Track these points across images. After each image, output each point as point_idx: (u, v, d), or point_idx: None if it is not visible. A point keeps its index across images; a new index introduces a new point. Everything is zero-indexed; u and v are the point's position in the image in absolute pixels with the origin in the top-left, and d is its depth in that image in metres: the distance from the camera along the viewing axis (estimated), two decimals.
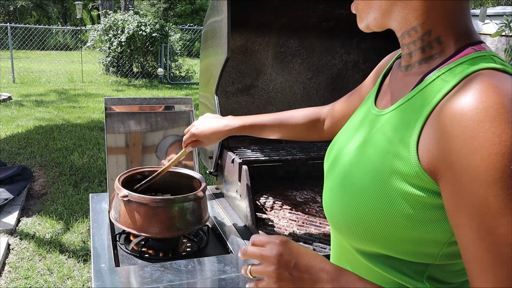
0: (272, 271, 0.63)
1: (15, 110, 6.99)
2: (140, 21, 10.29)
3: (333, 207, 0.73)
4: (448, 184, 0.56)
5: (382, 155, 0.65)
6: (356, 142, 0.74)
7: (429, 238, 0.63)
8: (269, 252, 0.64)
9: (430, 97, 0.61)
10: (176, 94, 9.63)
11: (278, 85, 2.00)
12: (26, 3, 21.38)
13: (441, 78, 0.61)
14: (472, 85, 0.55)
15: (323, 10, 1.84)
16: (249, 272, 0.67)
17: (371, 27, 0.72)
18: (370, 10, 0.70)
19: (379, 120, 0.71)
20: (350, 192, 0.69)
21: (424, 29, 0.65)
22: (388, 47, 1.65)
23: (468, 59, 0.61)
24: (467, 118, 0.53)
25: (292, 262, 0.63)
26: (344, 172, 0.73)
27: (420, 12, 0.64)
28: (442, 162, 0.56)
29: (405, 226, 0.63)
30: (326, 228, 1.39)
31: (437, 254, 0.64)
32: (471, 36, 0.65)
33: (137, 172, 1.33)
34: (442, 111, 0.57)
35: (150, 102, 1.54)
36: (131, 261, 1.19)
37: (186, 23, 15.54)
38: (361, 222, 0.67)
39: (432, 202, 0.60)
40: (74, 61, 13.27)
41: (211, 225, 1.42)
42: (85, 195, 3.82)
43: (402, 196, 0.62)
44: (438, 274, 0.67)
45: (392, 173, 0.63)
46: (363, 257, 0.71)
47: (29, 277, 2.63)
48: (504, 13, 5.62)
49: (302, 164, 1.93)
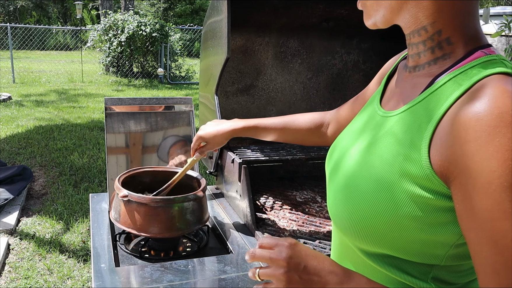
0: (281, 274, 0.63)
1: (15, 110, 6.99)
2: (140, 21, 10.29)
3: (337, 210, 0.73)
4: (460, 188, 0.56)
5: (391, 157, 0.65)
6: (361, 144, 0.74)
7: (436, 240, 0.63)
8: (278, 254, 0.64)
9: (442, 100, 0.61)
10: (176, 94, 9.64)
11: (278, 85, 2.00)
12: (26, 3, 21.39)
13: (453, 81, 0.61)
14: (486, 90, 0.55)
15: (323, 10, 1.84)
16: (257, 275, 0.66)
17: (378, 24, 0.72)
18: (379, 7, 0.69)
19: (387, 121, 0.70)
20: (356, 195, 0.69)
21: (434, 29, 0.65)
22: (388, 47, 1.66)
23: (479, 63, 0.61)
24: (483, 123, 0.53)
25: (301, 265, 0.63)
26: (349, 174, 0.72)
27: (431, 11, 0.64)
28: (455, 165, 0.56)
29: (413, 228, 0.63)
30: (326, 228, 1.39)
31: (443, 256, 0.64)
32: (480, 38, 0.65)
33: (137, 172, 1.33)
34: (456, 116, 0.57)
35: (150, 102, 1.54)
36: (131, 261, 1.19)
37: (186, 23, 15.54)
38: (367, 225, 0.66)
39: (441, 205, 0.60)
40: (74, 61, 13.27)
41: (211, 225, 1.42)
42: (85, 195, 3.82)
43: (411, 198, 0.62)
44: (443, 275, 0.67)
45: (402, 175, 0.63)
46: (367, 257, 0.70)
47: (29, 277, 2.63)
48: (504, 13, 5.61)
49: (302, 164, 1.93)
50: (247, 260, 0.68)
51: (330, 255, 0.86)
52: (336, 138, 0.86)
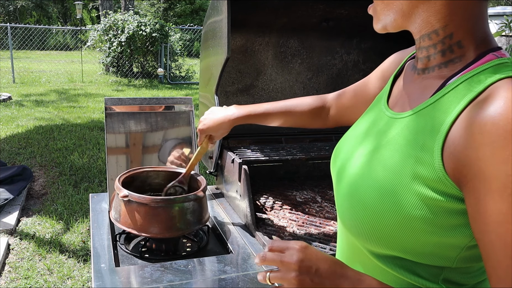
0: (293, 277, 0.62)
1: (15, 110, 6.99)
2: (140, 21, 10.29)
3: (346, 213, 0.72)
4: (474, 191, 0.56)
5: (401, 159, 0.65)
6: (368, 147, 0.73)
7: (447, 242, 0.63)
8: (289, 258, 0.63)
9: (455, 103, 0.60)
10: (176, 94, 9.64)
11: (278, 85, 2.00)
12: (26, 3, 21.38)
13: (465, 84, 0.61)
14: (501, 93, 0.55)
15: (323, 10, 1.84)
16: (268, 279, 0.65)
17: (388, 28, 0.71)
18: (390, 11, 0.68)
19: (397, 123, 0.70)
20: (365, 198, 0.68)
21: (446, 32, 0.64)
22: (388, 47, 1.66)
23: (491, 66, 0.61)
24: (498, 127, 0.53)
25: (313, 268, 0.62)
26: (355, 179, 0.72)
27: (442, 14, 0.64)
28: (469, 168, 0.56)
29: (424, 230, 0.62)
30: (326, 228, 1.39)
31: (454, 258, 0.64)
32: (490, 41, 0.65)
33: (137, 172, 1.33)
34: (470, 119, 0.57)
35: (150, 102, 1.54)
36: (131, 261, 1.19)
37: (186, 23, 15.54)
38: (377, 229, 0.66)
39: (453, 207, 0.60)
40: (74, 61, 13.27)
41: (211, 225, 1.42)
42: (85, 195, 3.82)
43: (422, 200, 0.61)
44: (454, 276, 0.67)
45: (413, 177, 0.62)
46: (377, 259, 0.70)
47: (29, 277, 2.63)
48: (504, 13, 5.62)
49: (302, 164, 1.93)
50: (257, 263, 0.67)
51: (336, 256, 0.86)
52: (342, 139, 0.85)
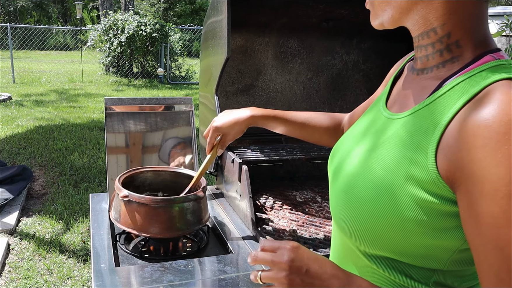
0: (283, 277, 0.62)
1: (15, 110, 6.99)
2: (140, 21, 10.29)
3: (339, 213, 0.73)
4: (466, 194, 0.55)
5: (396, 160, 0.65)
6: (364, 147, 0.73)
7: (439, 244, 0.62)
8: (280, 258, 0.63)
9: (450, 104, 0.60)
10: (176, 94, 9.64)
11: (278, 85, 2.00)
12: (26, 3, 21.39)
13: (461, 86, 0.61)
14: (495, 96, 0.55)
15: (323, 10, 1.84)
16: (259, 278, 0.66)
17: (385, 24, 0.71)
18: (388, 7, 0.68)
19: (392, 124, 0.70)
20: (360, 195, 0.68)
21: (444, 31, 0.64)
22: (388, 47, 1.67)
23: (488, 67, 0.60)
24: (491, 130, 0.52)
25: (303, 268, 0.62)
26: (351, 177, 0.72)
27: (441, 12, 0.63)
28: (461, 171, 0.56)
29: (416, 232, 0.62)
30: (326, 228, 1.39)
31: (445, 260, 0.64)
32: (489, 42, 0.64)
33: (137, 172, 1.33)
34: (464, 121, 0.56)
35: (150, 102, 1.54)
36: (131, 261, 1.19)
37: (186, 23, 15.54)
38: (369, 229, 0.66)
39: (446, 210, 0.60)
40: (74, 61, 13.27)
41: (211, 225, 1.42)
42: (85, 195, 3.82)
43: (415, 202, 0.61)
44: (445, 280, 0.67)
45: (407, 178, 0.62)
46: (369, 259, 0.70)
47: (29, 277, 2.63)
48: (505, 13, 5.61)
49: (302, 164, 1.93)
50: (249, 263, 0.68)
51: (330, 256, 0.86)
52: (340, 138, 0.85)
